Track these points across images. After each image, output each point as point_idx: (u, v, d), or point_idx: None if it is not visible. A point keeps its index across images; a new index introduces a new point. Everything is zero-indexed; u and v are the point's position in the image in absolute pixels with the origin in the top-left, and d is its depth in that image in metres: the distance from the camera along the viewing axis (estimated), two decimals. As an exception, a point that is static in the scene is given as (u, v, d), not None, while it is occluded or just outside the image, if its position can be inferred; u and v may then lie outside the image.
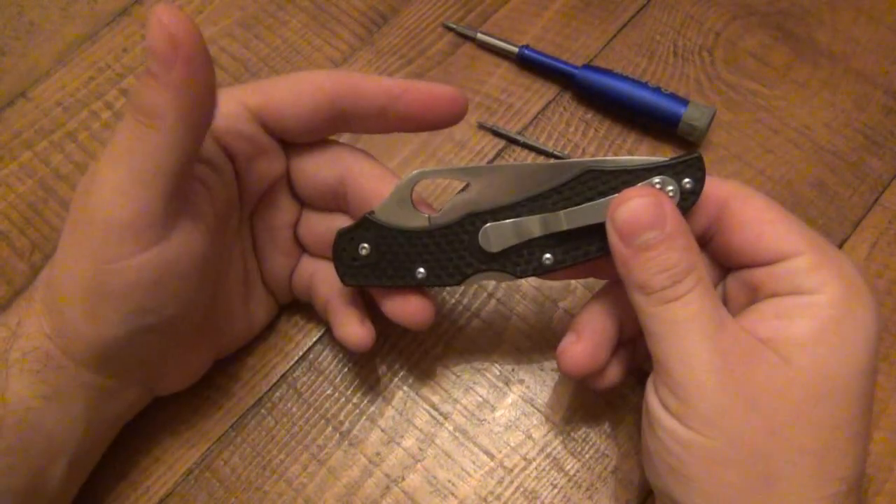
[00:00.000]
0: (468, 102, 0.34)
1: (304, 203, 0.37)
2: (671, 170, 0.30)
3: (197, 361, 0.37)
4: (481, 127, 0.45)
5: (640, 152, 0.45)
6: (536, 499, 0.37)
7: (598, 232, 0.31)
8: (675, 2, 0.49)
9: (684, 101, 0.43)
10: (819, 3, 0.49)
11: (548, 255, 0.32)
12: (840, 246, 0.42)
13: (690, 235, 0.30)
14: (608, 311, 0.33)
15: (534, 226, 0.32)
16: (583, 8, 0.49)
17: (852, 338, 0.29)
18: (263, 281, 0.38)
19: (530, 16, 0.49)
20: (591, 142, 0.45)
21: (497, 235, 0.32)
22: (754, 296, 0.31)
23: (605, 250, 0.31)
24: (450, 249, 0.33)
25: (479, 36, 0.47)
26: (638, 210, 0.29)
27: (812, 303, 0.29)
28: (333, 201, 0.36)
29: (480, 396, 0.39)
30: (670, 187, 0.30)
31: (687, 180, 0.30)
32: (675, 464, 0.29)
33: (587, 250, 0.32)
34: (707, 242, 0.33)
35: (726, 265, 0.33)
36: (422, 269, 0.33)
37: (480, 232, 0.32)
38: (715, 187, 0.31)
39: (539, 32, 0.48)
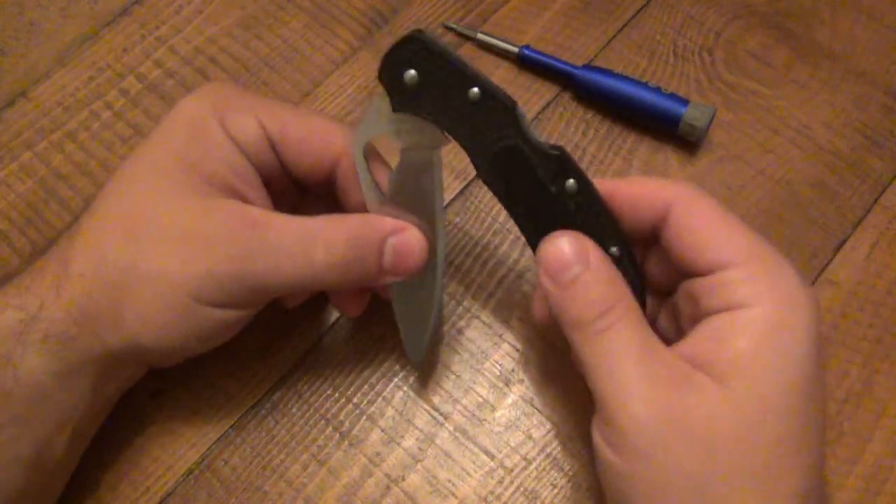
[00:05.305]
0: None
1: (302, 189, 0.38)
2: None
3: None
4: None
5: (640, 152, 0.45)
6: (536, 499, 0.37)
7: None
8: (675, 2, 0.49)
9: (684, 101, 0.43)
10: (819, 3, 0.49)
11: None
12: (840, 246, 0.42)
13: (615, 270, 0.31)
14: None
15: None
16: (583, 8, 0.49)
17: (788, 351, 0.28)
18: None
19: (530, 16, 0.49)
20: (591, 142, 0.45)
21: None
22: (696, 309, 0.31)
23: None
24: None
25: (479, 36, 0.47)
26: (562, 247, 0.30)
27: (745, 319, 0.28)
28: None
29: (480, 396, 0.39)
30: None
31: None
32: (620, 497, 0.29)
33: None
34: (654, 244, 0.33)
35: (677, 271, 0.33)
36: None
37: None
38: (661, 188, 0.31)
39: (539, 32, 0.48)
